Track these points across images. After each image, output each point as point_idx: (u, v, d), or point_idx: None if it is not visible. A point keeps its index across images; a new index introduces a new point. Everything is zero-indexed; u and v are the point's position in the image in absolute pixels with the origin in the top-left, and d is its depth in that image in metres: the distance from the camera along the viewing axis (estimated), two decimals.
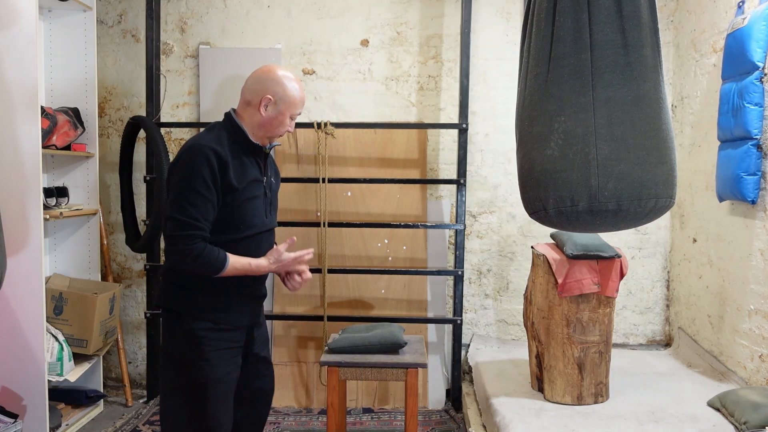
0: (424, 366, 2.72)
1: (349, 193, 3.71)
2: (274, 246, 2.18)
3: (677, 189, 1.99)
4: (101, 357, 3.50)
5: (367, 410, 3.55)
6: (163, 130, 3.76)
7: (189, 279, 2.06)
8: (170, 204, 2.01)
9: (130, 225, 3.54)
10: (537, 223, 2.22)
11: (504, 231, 3.83)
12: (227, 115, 2.15)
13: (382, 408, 3.59)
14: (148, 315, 3.60)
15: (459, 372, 3.55)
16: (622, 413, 2.65)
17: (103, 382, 3.61)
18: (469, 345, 3.76)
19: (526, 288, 3.04)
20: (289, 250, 2.17)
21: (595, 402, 2.78)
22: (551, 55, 1.95)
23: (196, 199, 1.97)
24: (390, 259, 3.70)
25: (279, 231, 3.09)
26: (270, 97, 2.07)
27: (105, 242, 3.69)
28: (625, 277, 2.99)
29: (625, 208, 1.89)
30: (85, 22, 3.45)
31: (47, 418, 2.97)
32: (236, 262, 2.03)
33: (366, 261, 3.69)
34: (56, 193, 3.27)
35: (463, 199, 3.50)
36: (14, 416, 2.81)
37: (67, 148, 3.30)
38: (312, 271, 3.56)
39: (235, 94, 2.25)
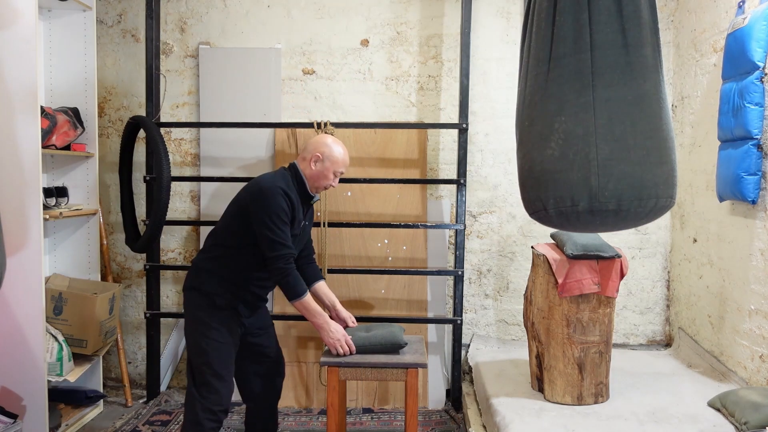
0: (424, 366, 2.71)
1: (349, 193, 3.70)
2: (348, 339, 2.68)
3: (677, 189, 1.99)
4: (101, 357, 3.50)
5: (367, 410, 3.55)
6: (163, 130, 3.76)
7: (218, 269, 2.59)
8: (266, 229, 2.51)
9: (129, 225, 3.54)
10: (537, 223, 2.22)
11: (504, 231, 3.83)
12: (293, 165, 2.69)
13: (382, 408, 3.59)
14: (147, 315, 3.60)
15: (459, 372, 3.55)
16: (622, 413, 2.65)
17: (103, 383, 3.61)
18: (469, 345, 3.76)
19: (526, 288, 3.03)
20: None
21: (595, 402, 2.78)
22: (551, 55, 1.95)
23: (284, 227, 2.53)
24: (390, 259, 3.70)
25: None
26: (319, 155, 2.63)
27: (105, 242, 3.69)
28: (625, 277, 2.99)
29: (626, 208, 1.88)
30: (85, 21, 3.45)
31: (47, 418, 2.97)
32: (312, 303, 2.62)
33: (366, 261, 3.69)
34: (56, 193, 3.27)
35: (463, 199, 3.50)
36: (14, 416, 2.81)
37: (67, 148, 3.30)
38: None
39: (235, 94, 2.27)
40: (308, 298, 2.58)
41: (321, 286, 2.83)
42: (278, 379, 2.84)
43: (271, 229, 2.49)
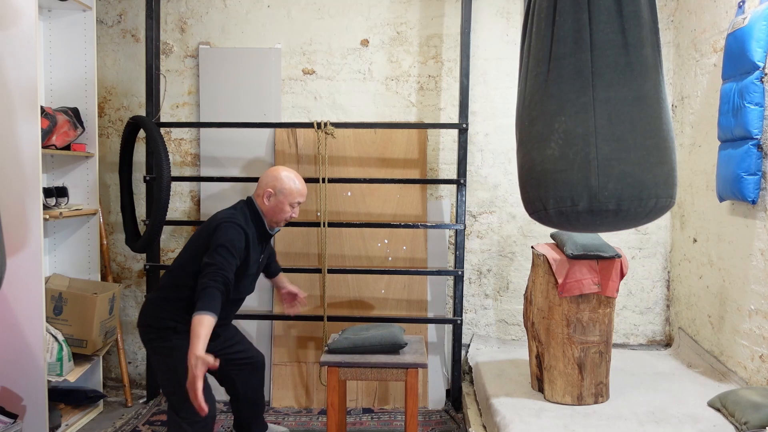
0: (424, 366, 2.72)
1: (349, 193, 3.70)
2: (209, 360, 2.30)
3: (677, 189, 1.99)
4: (101, 357, 3.50)
5: (367, 410, 3.55)
6: (162, 130, 3.76)
7: (174, 311, 2.56)
8: (209, 257, 2.44)
9: (129, 225, 3.54)
10: (537, 223, 2.23)
11: (504, 231, 3.83)
12: (250, 200, 2.69)
13: (382, 408, 3.59)
14: None
15: (459, 372, 3.55)
16: (622, 413, 2.65)
17: (103, 383, 3.61)
18: (469, 345, 3.76)
19: (526, 288, 3.03)
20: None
21: (596, 402, 2.78)
22: (551, 55, 1.95)
23: (230, 258, 2.45)
24: (390, 259, 3.70)
25: (280, 231, 3.10)
26: (270, 190, 2.64)
27: (105, 242, 3.69)
28: (625, 277, 2.99)
29: (626, 208, 1.88)
30: (85, 21, 3.45)
31: (47, 418, 2.97)
32: (208, 326, 2.30)
33: (366, 261, 3.68)
34: (56, 193, 3.27)
35: (463, 199, 3.49)
36: (14, 416, 2.81)
37: (67, 148, 3.30)
38: (312, 271, 3.60)
39: (235, 94, 2.28)
40: (212, 322, 2.30)
41: (279, 277, 3.08)
42: (259, 374, 2.95)
43: (212, 256, 2.41)
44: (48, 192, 3.20)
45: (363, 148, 3.71)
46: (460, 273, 3.50)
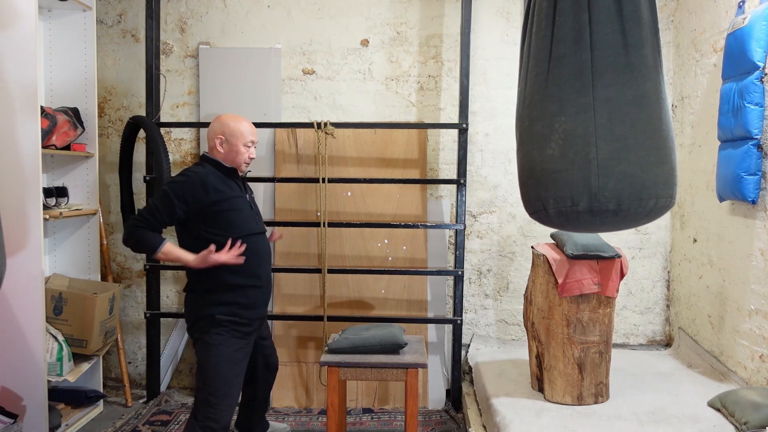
0: (424, 366, 2.72)
1: (349, 193, 3.70)
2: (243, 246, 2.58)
3: (677, 189, 1.99)
4: (101, 357, 3.50)
5: (367, 410, 3.55)
6: (162, 130, 3.76)
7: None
8: (150, 198, 2.54)
9: None
10: (537, 223, 2.22)
11: (504, 231, 3.83)
12: (204, 155, 2.69)
13: (382, 408, 3.59)
14: (147, 315, 3.60)
15: (459, 372, 3.55)
16: (622, 413, 2.65)
17: (103, 383, 3.61)
18: (469, 345, 3.76)
19: (526, 288, 3.03)
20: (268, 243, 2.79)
21: (596, 402, 2.78)
22: (551, 55, 1.95)
23: (163, 208, 2.54)
24: (390, 259, 3.70)
25: (281, 231, 3.10)
26: (221, 136, 2.64)
27: (105, 242, 3.69)
28: (625, 277, 2.99)
29: (626, 208, 1.88)
30: (85, 21, 3.45)
31: (47, 418, 2.97)
32: (170, 248, 2.56)
33: (366, 261, 3.68)
34: (56, 193, 3.27)
35: (463, 199, 3.49)
36: (14, 416, 2.81)
37: (67, 148, 3.30)
38: (312, 271, 3.60)
39: (235, 94, 2.29)
40: (168, 245, 2.54)
41: None
42: (274, 374, 3.01)
43: (151, 201, 2.58)
44: (48, 192, 3.20)
45: (363, 148, 3.71)
46: (460, 273, 3.50)
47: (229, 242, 2.52)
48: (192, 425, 2.52)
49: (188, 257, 2.55)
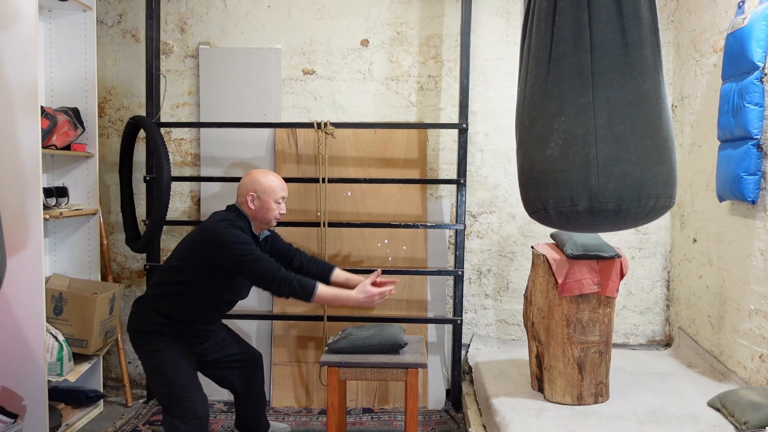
0: (424, 366, 2.72)
1: (349, 193, 3.70)
2: (362, 280, 2.70)
3: (677, 189, 1.99)
4: (101, 357, 3.50)
5: (367, 410, 3.55)
6: (163, 130, 3.76)
7: (165, 309, 2.63)
8: (240, 258, 2.50)
9: (129, 225, 3.54)
10: (537, 223, 2.22)
11: (504, 231, 3.83)
12: (235, 207, 2.69)
13: (382, 408, 3.59)
14: None
15: (459, 372, 3.55)
16: (622, 413, 2.65)
17: (103, 382, 3.61)
18: (469, 345, 3.76)
19: (526, 288, 3.03)
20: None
21: (595, 402, 2.78)
22: (551, 55, 1.95)
23: (249, 246, 2.54)
24: (390, 259, 3.70)
25: (280, 231, 3.11)
26: (252, 193, 2.65)
27: (105, 242, 3.69)
28: (625, 277, 2.99)
29: (625, 208, 1.88)
30: (85, 22, 3.45)
31: (47, 418, 2.97)
32: (330, 290, 2.62)
33: (366, 261, 3.68)
34: (56, 193, 3.27)
35: (463, 199, 3.50)
36: (14, 416, 2.82)
37: (67, 148, 3.30)
38: None
39: (235, 94, 2.28)
40: (322, 288, 2.56)
41: (337, 274, 2.89)
42: (258, 372, 2.96)
43: (243, 255, 2.49)
44: (48, 192, 3.20)
45: (363, 148, 3.71)
46: (460, 273, 3.50)
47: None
48: (170, 421, 2.53)
49: (352, 298, 2.61)
